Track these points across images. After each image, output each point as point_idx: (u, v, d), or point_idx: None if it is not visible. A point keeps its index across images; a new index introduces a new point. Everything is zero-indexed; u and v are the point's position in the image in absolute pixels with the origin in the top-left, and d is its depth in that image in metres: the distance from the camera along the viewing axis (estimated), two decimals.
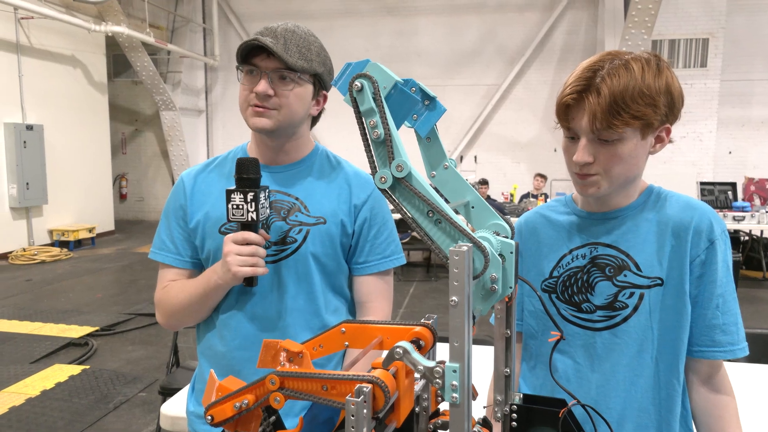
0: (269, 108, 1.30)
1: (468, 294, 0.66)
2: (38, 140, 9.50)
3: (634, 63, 1.08)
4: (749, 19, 10.67)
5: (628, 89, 1.06)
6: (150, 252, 1.47)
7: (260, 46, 1.26)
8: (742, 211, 7.78)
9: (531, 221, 1.36)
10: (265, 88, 1.28)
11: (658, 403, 1.19)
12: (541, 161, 11.59)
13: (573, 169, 1.17)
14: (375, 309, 1.44)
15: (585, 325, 1.23)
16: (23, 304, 6.50)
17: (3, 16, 8.85)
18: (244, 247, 1.26)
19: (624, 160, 1.11)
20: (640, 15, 8.88)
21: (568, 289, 1.25)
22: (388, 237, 1.44)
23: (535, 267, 1.31)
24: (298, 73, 1.30)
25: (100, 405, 3.90)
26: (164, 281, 1.45)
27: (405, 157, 0.75)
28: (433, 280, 7.94)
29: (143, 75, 11.53)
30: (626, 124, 1.06)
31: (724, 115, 10.80)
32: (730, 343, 1.15)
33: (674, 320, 1.16)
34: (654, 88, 1.07)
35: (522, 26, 11.72)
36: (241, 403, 0.78)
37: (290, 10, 12.42)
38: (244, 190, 1.23)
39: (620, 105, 1.05)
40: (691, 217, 1.17)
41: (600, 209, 1.24)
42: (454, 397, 0.67)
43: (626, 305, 1.19)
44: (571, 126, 1.13)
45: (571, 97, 1.10)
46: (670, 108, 1.11)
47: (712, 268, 1.15)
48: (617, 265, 1.20)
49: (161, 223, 1.46)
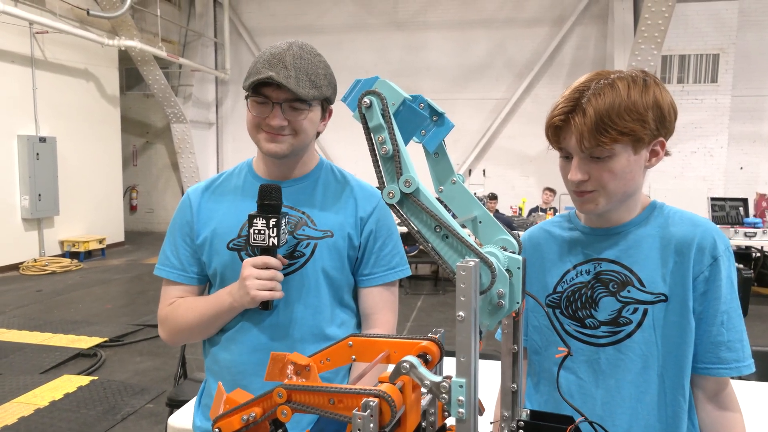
0: (283, 134, 1.32)
1: (475, 309, 0.66)
2: (51, 152, 9.61)
3: (619, 81, 1.10)
4: (760, 35, 10.66)
5: (613, 107, 1.07)
6: (155, 268, 1.47)
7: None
8: (754, 227, 7.71)
9: (535, 237, 1.36)
10: (279, 123, 1.29)
11: (665, 420, 1.18)
12: (550, 175, 11.57)
13: (570, 187, 1.19)
14: (380, 321, 1.44)
15: (589, 341, 1.22)
16: (33, 314, 6.53)
17: (18, 30, 9.00)
18: (264, 271, 1.27)
19: (618, 175, 1.12)
20: (649, 30, 8.88)
21: (572, 305, 1.25)
22: (393, 249, 1.45)
23: (538, 282, 1.31)
24: (309, 102, 1.31)
25: (108, 416, 3.90)
26: (169, 298, 1.44)
27: (413, 172, 0.76)
28: (440, 294, 7.91)
29: (155, 88, 11.66)
30: (614, 140, 1.08)
31: (736, 130, 10.76)
32: (736, 360, 1.14)
33: (678, 337, 1.16)
34: (640, 103, 1.09)
35: (531, 41, 11.76)
36: (248, 416, 0.78)
37: (300, 24, 12.55)
38: (267, 216, 1.25)
39: (606, 123, 1.07)
40: (694, 234, 1.17)
41: (602, 225, 1.25)
42: (460, 412, 0.67)
43: (630, 321, 1.18)
44: (562, 146, 1.16)
45: (558, 118, 1.13)
46: (660, 122, 1.12)
47: (716, 284, 1.15)
48: (621, 281, 1.20)
49: (166, 240, 1.47)
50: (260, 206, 1.27)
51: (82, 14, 9.75)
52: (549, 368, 1.29)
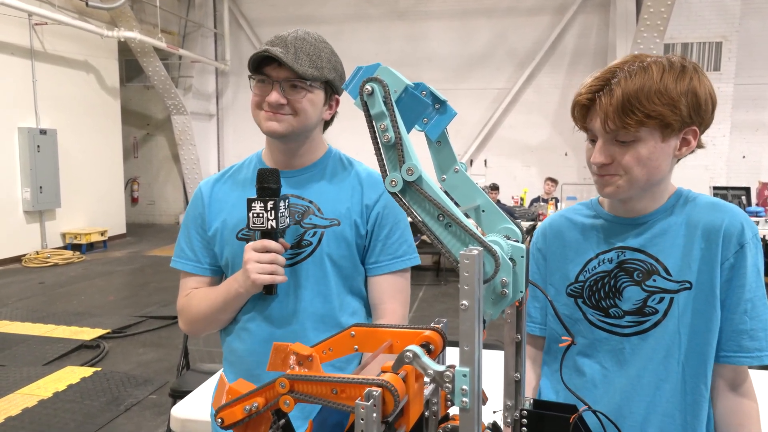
0: (283, 113, 1.31)
1: (478, 298, 0.65)
2: (52, 144, 9.60)
3: (654, 65, 1.06)
4: (763, 22, 10.58)
5: (643, 89, 1.04)
6: (171, 261, 1.49)
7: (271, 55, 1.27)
8: (756, 216, 7.70)
9: (556, 224, 1.34)
10: (277, 98, 1.29)
11: (684, 408, 1.17)
12: (551, 165, 11.55)
13: (592, 170, 1.16)
14: (387, 311, 1.42)
15: (613, 330, 1.21)
16: (36, 306, 6.55)
17: (17, 22, 8.95)
18: (264, 254, 1.27)
19: (642, 162, 1.09)
20: (652, 18, 8.82)
21: (595, 294, 1.23)
22: (400, 237, 1.43)
23: (559, 271, 1.29)
24: (309, 82, 1.30)
25: (111, 407, 3.91)
26: (186, 289, 1.46)
27: (416, 160, 0.75)
28: (442, 284, 7.92)
29: (155, 80, 11.63)
30: (641, 123, 1.04)
31: (738, 119, 10.71)
32: (758, 349, 1.13)
33: (703, 325, 1.14)
34: (673, 88, 1.05)
35: (532, 30, 11.69)
36: (251, 406, 0.78)
37: (301, 14, 12.48)
38: (264, 199, 1.26)
39: (633, 104, 1.03)
40: (722, 220, 1.14)
41: (627, 214, 1.22)
42: (464, 401, 0.67)
43: (656, 310, 1.17)
44: (588, 127, 1.12)
45: (585, 97, 1.09)
46: (695, 110, 1.07)
47: (741, 272, 1.13)
48: (646, 270, 1.18)
49: (181, 233, 1.49)
50: (258, 190, 1.28)
51: (81, 5, 9.70)
52: (569, 356, 1.28)
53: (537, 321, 1.35)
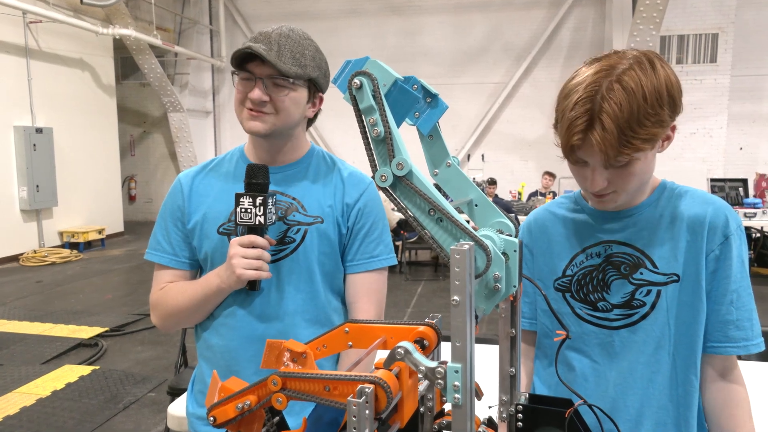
0: (265, 112, 1.31)
1: (470, 293, 0.65)
2: (48, 143, 9.57)
3: (628, 79, 1.01)
4: (759, 14, 10.57)
5: (633, 115, 1.00)
6: (146, 253, 1.47)
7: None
8: (754, 208, 7.72)
9: (540, 218, 1.34)
10: (259, 95, 1.28)
11: (676, 399, 1.18)
12: (549, 159, 11.53)
13: (587, 190, 1.15)
14: (360, 310, 1.42)
15: (602, 324, 1.21)
16: (34, 305, 6.54)
17: (12, 20, 8.91)
18: (250, 250, 1.26)
19: (638, 176, 1.09)
20: (648, 10, 8.80)
21: (583, 288, 1.23)
22: (377, 237, 1.43)
23: (547, 266, 1.29)
24: (292, 80, 1.29)
25: (110, 405, 3.91)
26: (161, 282, 1.44)
27: (405, 155, 0.74)
28: (441, 279, 7.92)
29: (151, 77, 11.58)
30: (638, 149, 1.03)
31: (735, 110, 10.70)
32: (744, 338, 1.14)
33: (691, 316, 1.15)
34: (654, 101, 1.02)
35: (528, 24, 11.67)
36: (243, 404, 0.78)
37: (296, 10, 12.44)
38: (253, 194, 1.25)
39: (628, 135, 1.01)
40: (706, 212, 1.15)
41: (612, 208, 1.22)
42: (456, 397, 0.66)
43: (644, 303, 1.17)
44: (579, 158, 1.10)
45: (577, 139, 1.05)
46: (672, 109, 1.06)
47: (727, 263, 1.13)
48: (632, 263, 1.18)
49: (157, 225, 1.46)
50: (247, 185, 1.27)
51: (75, 3, 9.66)
52: (559, 351, 1.28)
53: (527, 315, 1.36)
